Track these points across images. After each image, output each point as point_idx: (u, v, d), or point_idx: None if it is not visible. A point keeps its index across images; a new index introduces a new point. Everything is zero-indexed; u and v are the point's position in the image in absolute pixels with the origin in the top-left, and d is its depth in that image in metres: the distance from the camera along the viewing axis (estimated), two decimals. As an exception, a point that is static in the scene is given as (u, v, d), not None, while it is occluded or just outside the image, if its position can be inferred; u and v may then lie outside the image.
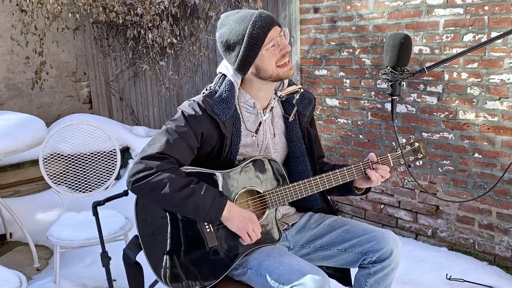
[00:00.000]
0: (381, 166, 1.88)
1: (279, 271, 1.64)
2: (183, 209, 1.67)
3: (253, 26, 1.68)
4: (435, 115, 3.13)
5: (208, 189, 1.68)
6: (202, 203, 1.65)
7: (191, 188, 1.65)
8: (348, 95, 3.59)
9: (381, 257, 1.79)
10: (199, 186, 1.67)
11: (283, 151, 1.94)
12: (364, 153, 3.53)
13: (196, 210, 1.66)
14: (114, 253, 2.10)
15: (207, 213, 1.66)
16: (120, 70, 5.49)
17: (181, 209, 1.68)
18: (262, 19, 1.70)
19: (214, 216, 1.67)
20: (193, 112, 1.74)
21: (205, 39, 4.49)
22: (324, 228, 1.91)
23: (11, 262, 3.24)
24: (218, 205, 1.68)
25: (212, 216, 1.67)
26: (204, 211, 1.66)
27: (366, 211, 3.65)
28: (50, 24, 4.76)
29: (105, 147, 3.19)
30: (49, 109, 5.69)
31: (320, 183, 1.83)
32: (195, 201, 1.65)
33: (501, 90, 2.84)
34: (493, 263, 2.99)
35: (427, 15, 3.06)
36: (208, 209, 1.66)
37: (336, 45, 3.58)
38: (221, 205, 1.68)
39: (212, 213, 1.67)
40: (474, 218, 3.05)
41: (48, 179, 2.98)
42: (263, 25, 1.69)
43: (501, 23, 2.76)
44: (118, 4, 4.55)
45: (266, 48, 1.71)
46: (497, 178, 2.89)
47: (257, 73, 1.76)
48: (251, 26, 1.69)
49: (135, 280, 1.86)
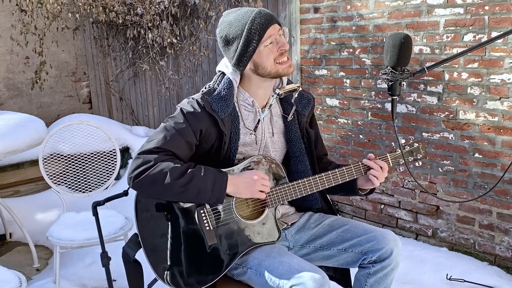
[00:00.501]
0: (377, 164, 1.86)
1: (279, 270, 1.64)
2: (185, 195, 1.67)
3: (252, 22, 1.70)
4: (435, 115, 3.13)
5: (207, 170, 1.68)
6: (203, 186, 1.65)
7: (190, 173, 1.65)
8: (348, 95, 3.58)
9: (381, 257, 1.79)
10: (198, 169, 1.68)
11: (282, 150, 1.94)
12: (364, 153, 3.52)
13: (198, 193, 1.66)
14: (114, 253, 2.10)
15: (211, 193, 1.66)
16: (120, 70, 5.49)
17: (184, 196, 1.67)
18: (261, 15, 1.72)
19: (218, 195, 1.68)
20: (191, 109, 1.75)
21: (205, 39, 4.49)
22: (324, 228, 1.91)
23: (11, 262, 3.23)
24: (220, 184, 1.67)
25: (217, 195, 1.67)
26: (208, 193, 1.66)
27: (366, 211, 3.64)
28: (50, 24, 4.76)
29: (105, 147, 3.19)
30: (49, 109, 5.69)
31: (320, 182, 1.83)
32: (196, 184, 1.65)
33: (501, 90, 2.83)
34: (494, 263, 2.99)
35: (428, 15, 3.06)
36: (210, 190, 1.66)
37: (336, 45, 3.58)
38: (222, 183, 1.68)
39: (216, 192, 1.67)
40: (475, 218, 3.05)
41: (48, 179, 2.98)
42: (262, 21, 1.71)
43: (502, 23, 2.76)
44: (118, 4, 4.54)
45: (265, 44, 1.72)
46: (497, 178, 2.89)
47: (255, 70, 1.76)
48: (250, 22, 1.70)
49: (135, 278, 1.86)
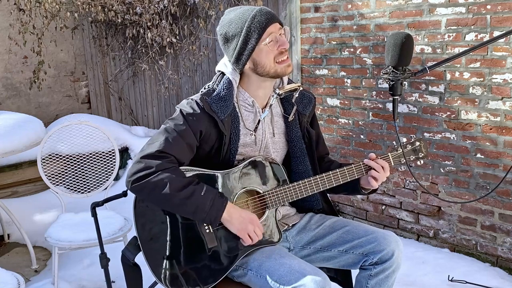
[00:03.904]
0: (378, 163, 1.84)
1: (280, 272, 1.63)
2: (183, 209, 1.66)
3: (253, 19, 1.70)
4: (437, 115, 3.11)
5: (208, 190, 1.66)
6: (202, 204, 1.64)
7: (191, 189, 1.64)
8: (349, 95, 3.56)
9: (382, 258, 1.78)
10: (200, 187, 1.66)
11: (282, 150, 1.93)
12: (365, 154, 3.50)
13: (196, 211, 1.64)
14: (113, 254, 2.09)
15: (207, 214, 1.65)
16: (119, 69, 5.47)
17: (181, 209, 1.67)
18: (262, 14, 1.71)
19: (214, 218, 1.66)
20: (191, 110, 1.73)
21: (204, 38, 4.47)
22: (325, 229, 1.89)
23: (9, 264, 3.22)
24: (218, 207, 1.66)
25: (212, 217, 1.66)
26: (204, 212, 1.64)
27: (368, 212, 3.62)
28: (48, 23, 4.73)
29: (104, 148, 3.17)
30: (47, 109, 5.66)
31: (321, 182, 1.82)
32: (195, 202, 1.63)
33: (503, 90, 2.81)
34: (496, 264, 2.97)
35: (429, 14, 3.04)
36: (208, 210, 1.64)
37: (337, 44, 3.56)
38: (221, 207, 1.67)
39: (212, 214, 1.65)
40: (477, 219, 3.03)
41: (46, 180, 2.96)
42: (262, 19, 1.70)
43: (504, 22, 2.74)
44: (117, 3, 4.52)
45: (264, 42, 1.70)
46: (499, 178, 2.87)
47: (255, 68, 1.75)
48: (250, 20, 1.70)
49: (134, 281, 1.85)
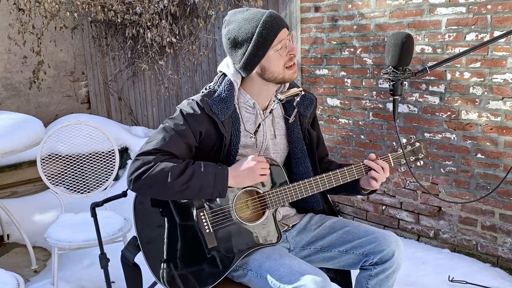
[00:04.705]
0: (378, 164, 1.84)
1: (280, 272, 1.63)
2: (188, 193, 1.66)
3: (263, 25, 1.67)
4: (437, 115, 3.10)
5: (206, 165, 1.68)
6: (205, 181, 1.65)
7: (190, 170, 1.65)
8: (349, 95, 3.56)
9: (382, 258, 1.77)
10: (197, 165, 1.67)
11: (283, 152, 1.93)
12: (366, 154, 3.50)
13: (201, 189, 1.65)
14: (112, 254, 2.09)
15: (214, 188, 1.66)
16: (118, 69, 5.46)
17: (187, 193, 1.66)
18: (272, 19, 1.68)
19: (221, 189, 1.67)
20: (191, 111, 1.73)
21: (204, 38, 4.46)
22: (325, 230, 1.89)
23: (9, 264, 3.21)
24: (221, 177, 1.67)
25: (219, 189, 1.67)
26: (210, 187, 1.65)
27: (368, 212, 3.62)
28: (48, 23, 4.73)
29: (104, 148, 3.17)
30: (47, 109, 5.66)
31: (321, 183, 1.82)
32: (198, 180, 1.64)
33: (504, 90, 2.81)
34: (496, 265, 2.97)
35: (429, 14, 3.03)
36: (212, 184, 1.65)
37: (337, 44, 3.55)
38: (224, 176, 1.67)
39: (218, 186, 1.66)
40: (477, 219, 3.02)
41: (46, 180, 2.96)
42: (273, 25, 1.68)
43: (504, 22, 2.74)
44: (116, 3, 4.52)
45: (275, 49, 1.69)
46: (500, 179, 2.87)
47: (262, 74, 1.74)
48: (261, 25, 1.67)
49: (134, 282, 1.85)
